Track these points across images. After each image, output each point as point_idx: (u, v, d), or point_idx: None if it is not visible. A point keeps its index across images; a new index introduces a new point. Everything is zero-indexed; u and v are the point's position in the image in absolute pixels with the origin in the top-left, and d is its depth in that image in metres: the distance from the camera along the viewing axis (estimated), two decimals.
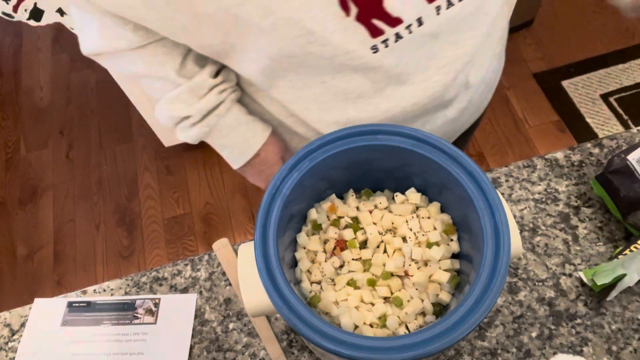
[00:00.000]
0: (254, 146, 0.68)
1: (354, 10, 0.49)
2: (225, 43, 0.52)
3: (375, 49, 0.53)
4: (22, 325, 0.68)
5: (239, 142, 0.67)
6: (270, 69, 0.56)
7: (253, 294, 0.49)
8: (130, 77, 0.63)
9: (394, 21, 0.51)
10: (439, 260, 0.52)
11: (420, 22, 0.53)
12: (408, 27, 0.52)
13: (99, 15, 0.56)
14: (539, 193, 0.72)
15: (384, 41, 0.53)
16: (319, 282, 0.53)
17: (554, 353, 0.61)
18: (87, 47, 0.61)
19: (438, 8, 0.52)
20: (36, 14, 1.33)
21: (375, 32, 0.51)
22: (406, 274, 0.53)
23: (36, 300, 0.70)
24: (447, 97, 0.63)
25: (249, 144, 0.67)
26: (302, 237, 0.55)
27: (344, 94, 0.59)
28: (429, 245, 0.53)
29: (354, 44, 0.52)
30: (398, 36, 0.53)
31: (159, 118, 0.65)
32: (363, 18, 0.50)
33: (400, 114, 0.62)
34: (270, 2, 0.46)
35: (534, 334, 0.62)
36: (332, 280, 0.53)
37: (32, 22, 1.34)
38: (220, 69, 0.65)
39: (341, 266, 0.53)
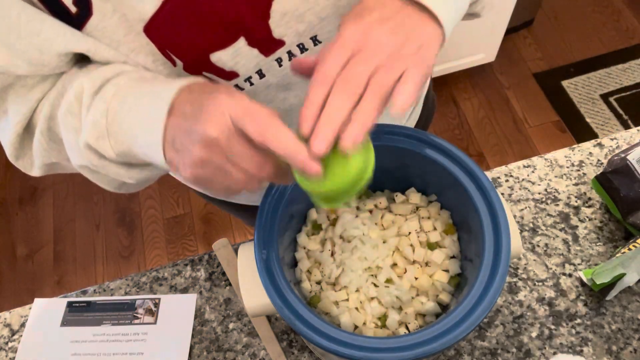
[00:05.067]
0: (171, 89, 0.41)
1: (179, 63, 0.47)
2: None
3: None
4: (22, 325, 0.68)
5: (152, 91, 0.43)
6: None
7: (253, 294, 0.49)
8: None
9: (229, 75, 0.49)
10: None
11: (261, 74, 0.50)
12: (247, 79, 0.50)
13: None
14: (539, 193, 0.72)
15: None
16: (319, 282, 0.53)
17: (554, 353, 0.61)
18: None
19: (279, 60, 0.49)
20: None
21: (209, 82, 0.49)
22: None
23: (36, 300, 0.69)
24: None
25: (167, 87, 0.42)
26: (302, 237, 0.55)
27: None
28: (429, 245, 0.53)
29: None
30: (238, 87, 0.50)
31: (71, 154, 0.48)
32: (191, 70, 0.47)
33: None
34: (96, 48, 0.44)
35: (534, 334, 0.62)
36: (332, 280, 0.53)
37: None
38: None
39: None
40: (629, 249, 0.62)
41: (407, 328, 0.50)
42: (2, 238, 1.78)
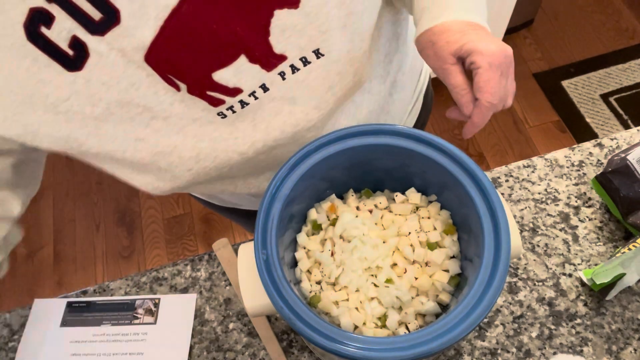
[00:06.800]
0: None
1: (182, 86, 0.47)
2: (80, 137, 0.49)
3: (222, 115, 0.51)
4: (22, 325, 0.68)
5: None
6: (129, 162, 0.52)
7: (253, 294, 0.49)
8: None
9: (233, 91, 0.49)
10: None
11: (264, 88, 0.50)
12: (252, 94, 0.50)
13: None
14: (539, 193, 0.72)
15: (229, 108, 0.51)
16: (319, 282, 0.53)
17: (554, 353, 0.61)
18: None
19: (282, 74, 0.50)
20: None
21: (214, 102, 0.49)
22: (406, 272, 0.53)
23: (36, 300, 0.69)
24: None
25: None
26: (302, 237, 0.55)
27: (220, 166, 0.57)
28: (429, 245, 0.53)
29: (197, 112, 0.50)
30: (243, 103, 0.51)
31: None
32: (195, 92, 0.48)
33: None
34: (95, 90, 0.44)
35: (534, 334, 0.62)
36: (332, 280, 0.53)
37: None
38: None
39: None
40: (629, 249, 0.62)
41: (407, 328, 0.50)
42: None
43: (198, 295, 0.68)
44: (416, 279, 0.51)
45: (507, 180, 0.74)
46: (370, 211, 0.56)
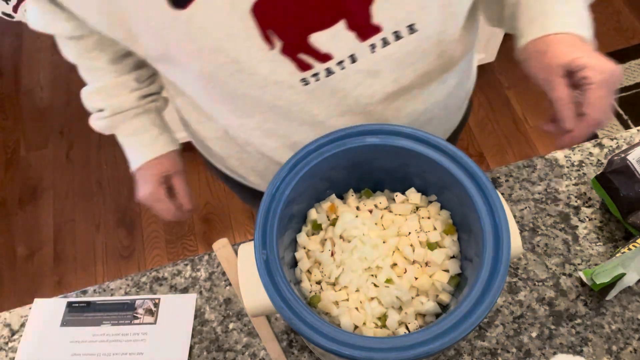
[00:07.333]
0: (140, 158, 0.71)
1: (278, 43, 0.48)
2: (162, 55, 0.52)
3: (305, 81, 0.52)
4: (22, 325, 0.68)
5: (134, 148, 0.71)
6: (206, 90, 0.56)
7: (253, 294, 0.49)
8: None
9: (323, 57, 0.50)
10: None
11: (353, 59, 0.51)
12: (340, 63, 0.51)
13: None
14: (539, 193, 0.72)
15: (315, 75, 0.51)
16: (319, 282, 0.53)
17: (554, 353, 0.61)
18: (31, 23, 0.62)
19: (373, 46, 0.51)
20: None
21: (303, 66, 0.50)
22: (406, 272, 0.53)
23: (36, 300, 0.70)
24: None
25: (139, 153, 0.71)
26: (302, 237, 0.55)
27: (286, 122, 0.58)
28: (429, 245, 0.53)
29: (283, 74, 0.51)
30: (329, 71, 0.51)
31: (82, 100, 0.70)
32: (288, 52, 0.49)
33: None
34: (193, 31, 0.46)
35: (534, 334, 0.62)
36: (332, 280, 0.53)
37: None
38: (153, 75, 0.70)
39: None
40: (629, 249, 0.62)
41: (407, 328, 0.50)
42: (2, 238, 1.78)
43: (198, 295, 0.68)
44: (416, 279, 0.51)
45: (507, 180, 0.74)
46: (370, 211, 0.56)
